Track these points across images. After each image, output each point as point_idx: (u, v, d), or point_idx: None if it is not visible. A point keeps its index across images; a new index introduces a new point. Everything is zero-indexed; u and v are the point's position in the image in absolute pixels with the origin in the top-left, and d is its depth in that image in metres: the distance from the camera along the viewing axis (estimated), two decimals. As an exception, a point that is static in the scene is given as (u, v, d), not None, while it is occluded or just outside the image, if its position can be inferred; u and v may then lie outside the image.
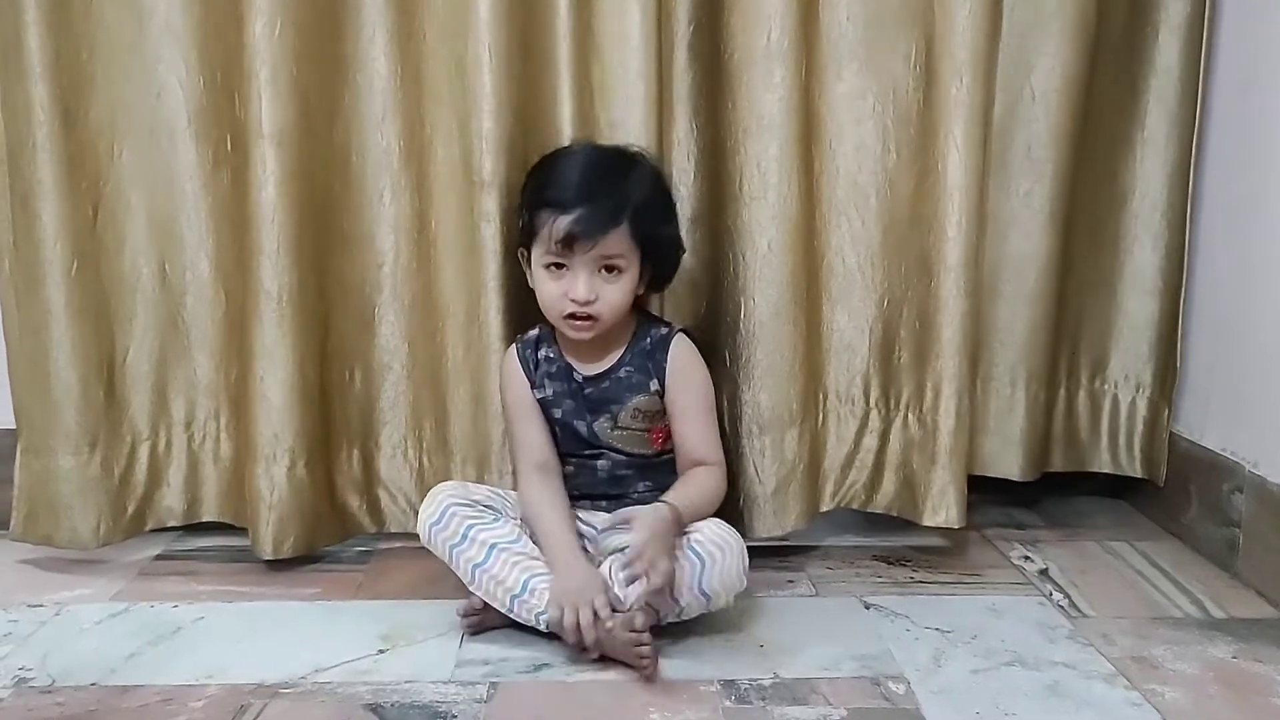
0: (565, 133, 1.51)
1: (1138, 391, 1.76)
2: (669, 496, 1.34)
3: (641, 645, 1.23)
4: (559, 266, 1.36)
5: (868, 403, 1.64)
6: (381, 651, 1.32)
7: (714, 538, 1.31)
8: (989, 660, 1.29)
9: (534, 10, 1.49)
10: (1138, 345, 1.75)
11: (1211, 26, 1.63)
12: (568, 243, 1.33)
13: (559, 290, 1.36)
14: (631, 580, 1.24)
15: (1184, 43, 1.64)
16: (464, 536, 1.35)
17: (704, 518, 1.35)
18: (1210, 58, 1.64)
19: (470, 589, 1.36)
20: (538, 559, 1.35)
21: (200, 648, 1.33)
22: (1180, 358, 1.71)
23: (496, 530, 1.37)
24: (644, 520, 1.27)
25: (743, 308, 1.51)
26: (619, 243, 1.35)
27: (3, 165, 1.48)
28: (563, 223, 1.33)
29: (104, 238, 1.53)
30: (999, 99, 1.56)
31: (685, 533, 1.32)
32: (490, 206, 1.49)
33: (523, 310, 1.53)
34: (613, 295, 1.36)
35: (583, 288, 1.34)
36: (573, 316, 1.36)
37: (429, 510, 1.38)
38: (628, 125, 1.51)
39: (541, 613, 1.30)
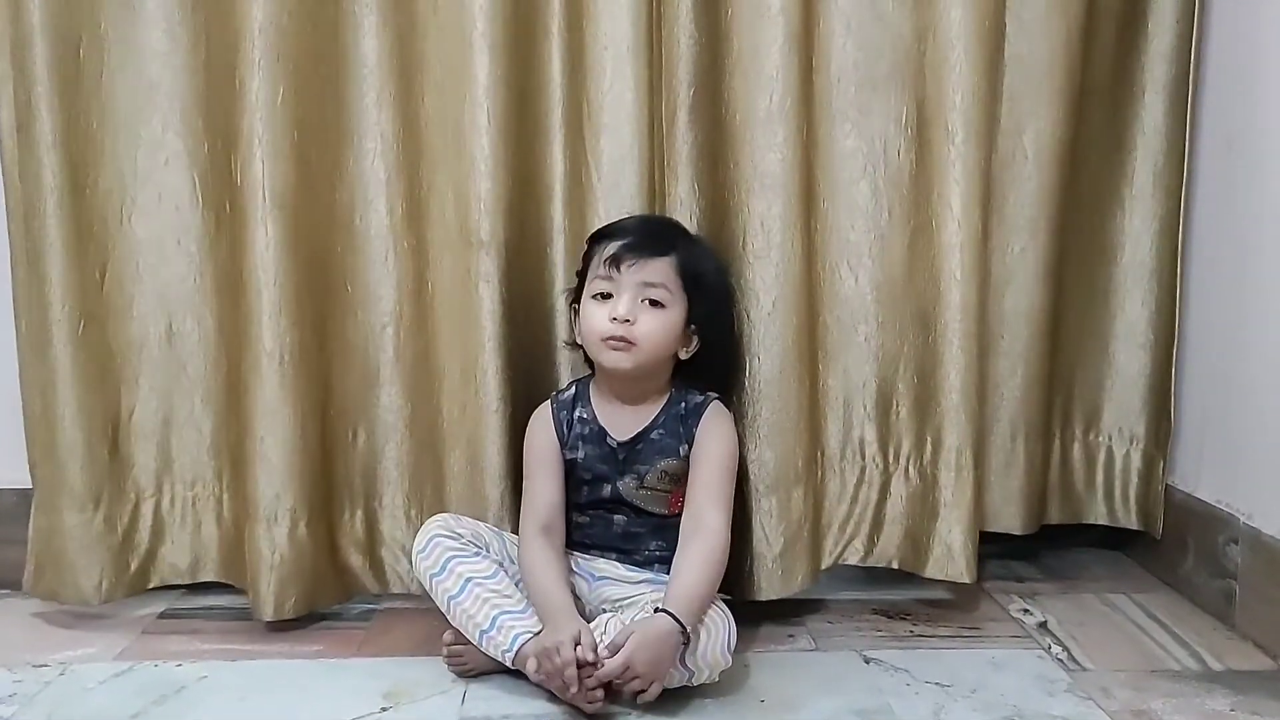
0: (557, 194, 1.55)
1: (1131, 444, 1.78)
2: (672, 600, 1.31)
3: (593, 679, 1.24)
4: (606, 297, 1.40)
5: (863, 457, 1.65)
6: (384, 710, 1.32)
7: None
8: (989, 714, 1.30)
9: (531, 75, 1.53)
10: (1130, 398, 1.77)
11: (1196, 86, 1.67)
12: (614, 261, 1.38)
13: (602, 314, 1.39)
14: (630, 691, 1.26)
15: (1169, 103, 1.69)
16: (443, 567, 1.38)
17: (711, 600, 1.35)
18: (1195, 116, 1.68)
19: (449, 620, 1.38)
20: (509, 596, 1.36)
21: (203, 706, 1.33)
22: (1174, 410, 1.73)
23: (474, 564, 1.39)
24: (643, 640, 1.25)
25: (748, 366, 1.53)
26: (663, 272, 1.40)
27: (16, 230, 1.51)
28: (613, 245, 1.40)
29: (112, 300, 1.56)
30: (994, 158, 1.59)
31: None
32: (489, 267, 1.51)
33: (522, 372, 1.54)
34: (651, 323, 1.39)
35: (624, 305, 1.38)
36: (612, 340, 1.39)
37: (419, 541, 1.42)
38: (621, 186, 1.54)
39: (507, 650, 1.32)
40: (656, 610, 1.29)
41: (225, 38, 1.50)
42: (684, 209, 1.58)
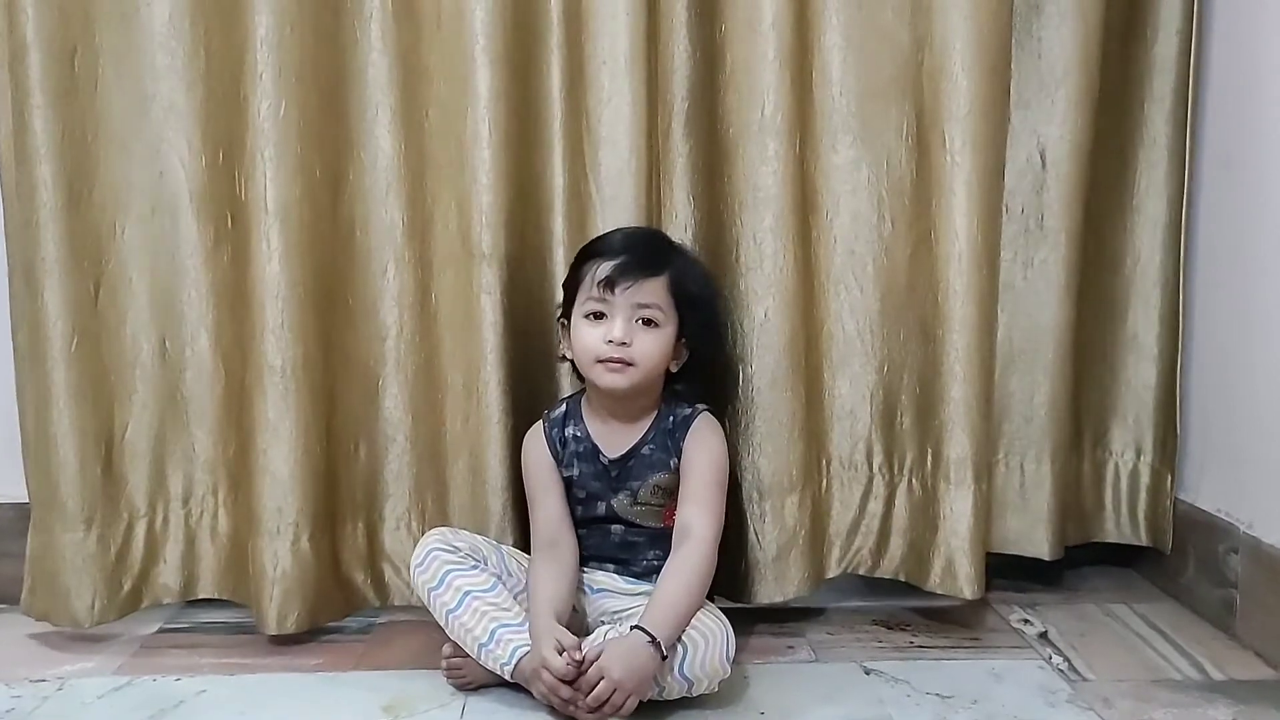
0: (557, 207, 1.55)
1: (1139, 459, 1.76)
2: (650, 618, 1.29)
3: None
4: (598, 317, 1.40)
5: (871, 468, 1.65)
6: (384, 722, 1.32)
7: (699, 625, 1.32)
8: (990, 725, 1.30)
9: (531, 89, 1.54)
10: (1138, 412, 1.75)
11: (1196, 99, 1.66)
12: (608, 284, 1.38)
13: (597, 335, 1.39)
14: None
15: (1169, 112, 1.68)
16: (441, 581, 1.38)
17: (697, 608, 1.34)
18: (1196, 128, 1.67)
19: (447, 634, 1.38)
20: (507, 610, 1.36)
21: (203, 721, 1.33)
22: (1180, 423, 1.71)
23: (472, 578, 1.39)
24: (617, 657, 1.25)
25: (741, 375, 1.53)
26: (657, 292, 1.40)
27: (15, 243, 1.50)
28: (605, 266, 1.39)
29: (105, 315, 1.55)
30: (1009, 169, 1.60)
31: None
32: (490, 279, 1.51)
33: (523, 384, 1.55)
34: (647, 344, 1.39)
35: (619, 328, 1.38)
36: (608, 362, 1.39)
37: (417, 555, 1.42)
38: (620, 199, 1.53)
39: (506, 663, 1.32)
40: (632, 628, 1.28)
41: (226, 50, 1.51)
42: (679, 222, 1.60)
